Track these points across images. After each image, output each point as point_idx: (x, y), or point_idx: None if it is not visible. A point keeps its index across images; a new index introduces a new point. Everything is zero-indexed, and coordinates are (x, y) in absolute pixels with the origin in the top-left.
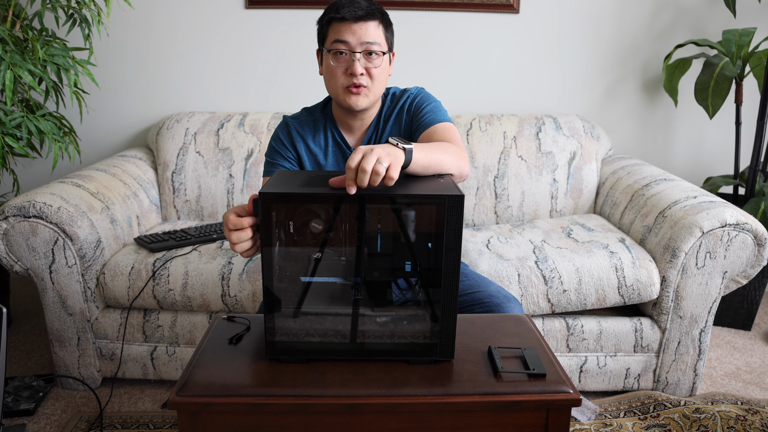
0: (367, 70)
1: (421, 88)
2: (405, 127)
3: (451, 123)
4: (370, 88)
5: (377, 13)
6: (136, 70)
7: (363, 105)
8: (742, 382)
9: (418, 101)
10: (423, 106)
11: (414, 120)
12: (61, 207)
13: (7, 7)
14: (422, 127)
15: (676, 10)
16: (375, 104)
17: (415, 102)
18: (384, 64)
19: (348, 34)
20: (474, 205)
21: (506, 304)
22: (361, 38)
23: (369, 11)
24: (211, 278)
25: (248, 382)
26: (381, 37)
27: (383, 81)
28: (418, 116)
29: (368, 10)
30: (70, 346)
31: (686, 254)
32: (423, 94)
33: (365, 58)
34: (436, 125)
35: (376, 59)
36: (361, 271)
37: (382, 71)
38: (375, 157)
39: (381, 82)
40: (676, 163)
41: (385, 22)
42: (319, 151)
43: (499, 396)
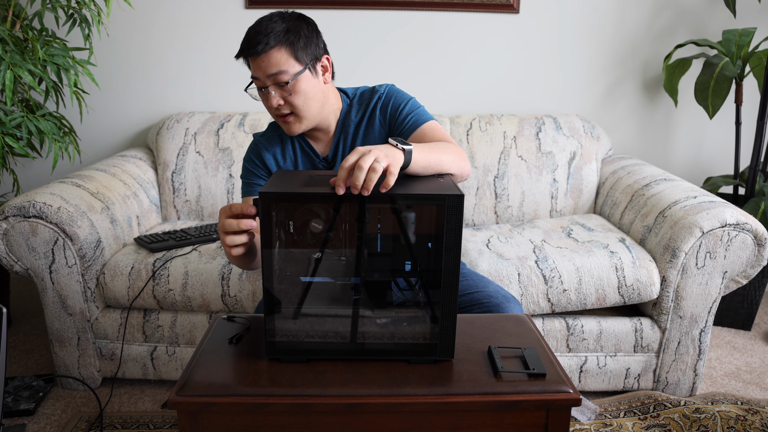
0: (285, 98)
1: (391, 85)
2: (379, 128)
3: (435, 120)
4: (297, 114)
5: (276, 38)
6: (136, 70)
7: (298, 131)
8: (742, 382)
9: (393, 103)
10: (400, 107)
11: (395, 124)
12: (61, 207)
13: (7, 7)
14: (407, 132)
15: (676, 10)
16: (330, 113)
17: (389, 104)
18: (300, 86)
19: (256, 69)
20: (474, 205)
21: (505, 304)
22: (266, 71)
23: (265, 42)
24: (211, 278)
25: (248, 382)
26: (287, 61)
27: (311, 100)
28: (399, 120)
29: (265, 41)
30: (70, 346)
31: (686, 254)
32: (395, 93)
33: (278, 89)
34: (423, 127)
35: (287, 87)
36: (361, 271)
37: (301, 94)
38: (373, 157)
39: (307, 103)
40: (676, 163)
41: (291, 40)
42: (290, 163)
43: (499, 396)
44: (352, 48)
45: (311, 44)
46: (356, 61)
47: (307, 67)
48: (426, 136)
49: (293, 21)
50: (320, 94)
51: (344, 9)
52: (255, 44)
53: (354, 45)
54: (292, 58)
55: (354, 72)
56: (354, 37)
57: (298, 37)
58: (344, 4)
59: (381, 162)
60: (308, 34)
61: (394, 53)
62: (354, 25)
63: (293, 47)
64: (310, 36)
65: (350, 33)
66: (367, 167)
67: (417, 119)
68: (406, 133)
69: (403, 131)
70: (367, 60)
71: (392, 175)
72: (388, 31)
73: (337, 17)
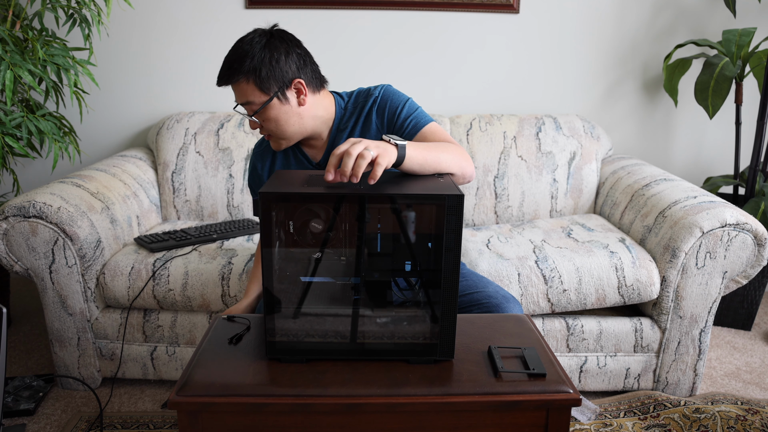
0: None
1: (386, 86)
2: (376, 131)
3: (434, 122)
4: (277, 135)
5: (242, 71)
6: (136, 70)
7: (282, 148)
8: (742, 382)
9: (390, 106)
10: (398, 111)
11: (393, 127)
12: (61, 207)
13: (7, 7)
14: (408, 136)
15: (676, 10)
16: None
17: (386, 107)
18: (270, 114)
19: (234, 94)
20: (474, 205)
21: (505, 304)
22: (239, 98)
23: (230, 75)
24: (211, 278)
25: (248, 382)
26: (253, 92)
27: (284, 124)
28: (398, 124)
29: (229, 73)
30: (70, 346)
31: (686, 254)
32: (391, 95)
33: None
34: (423, 130)
35: (258, 115)
36: (361, 271)
37: (272, 121)
38: (363, 146)
39: (280, 127)
40: (676, 163)
41: (256, 71)
42: None
43: (499, 396)
44: (352, 48)
45: (277, 71)
46: (356, 61)
47: (274, 96)
48: (427, 139)
49: (263, 47)
50: (295, 117)
51: (344, 9)
52: (222, 76)
53: (354, 45)
54: (257, 90)
55: (354, 72)
56: (354, 36)
57: (260, 67)
58: (344, 4)
59: (370, 150)
60: (274, 62)
61: (394, 53)
62: (354, 24)
63: (259, 78)
64: (277, 63)
65: (350, 33)
66: (356, 154)
67: (417, 122)
68: (406, 137)
69: (403, 135)
70: (367, 60)
71: (380, 166)
72: (388, 30)
73: (337, 17)
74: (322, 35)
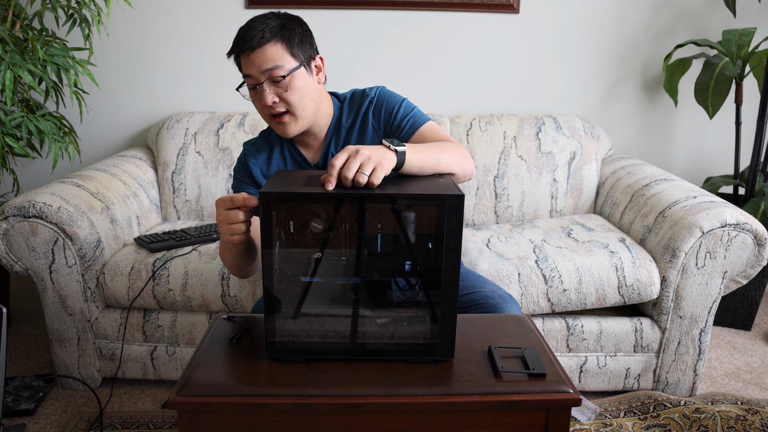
0: (280, 96)
1: (381, 87)
2: (372, 133)
3: (432, 121)
4: (293, 113)
5: (271, 32)
6: (136, 70)
7: (293, 132)
8: (742, 382)
9: (386, 106)
10: (394, 111)
11: (391, 128)
12: (61, 207)
13: (7, 7)
14: (406, 136)
15: (676, 10)
16: (323, 116)
17: (382, 107)
18: (297, 83)
19: (249, 66)
20: (474, 205)
21: (502, 304)
22: (261, 66)
23: (261, 36)
24: (211, 278)
25: (248, 382)
26: (283, 56)
27: (307, 98)
28: (395, 124)
29: (260, 35)
30: (70, 346)
31: (686, 254)
32: (387, 96)
33: (273, 86)
34: (421, 129)
35: (282, 83)
36: (361, 271)
37: (297, 91)
38: (358, 163)
39: (303, 100)
40: (676, 163)
41: (286, 36)
42: None
43: (499, 396)
44: (352, 48)
45: (306, 42)
46: (356, 60)
47: (302, 64)
48: (425, 138)
49: (287, 20)
50: (315, 93)
51: (344, 9)
52: (250, 38)
53: (354, 45)
54: (288, 54)
55: (354, 71)
56: (354, 36)
57: (293, 33)
58: (344, 4)
59: (365, 171)
60: (303, 33)
61: (394, 53)
62: (354, 24)
63: (289, 42)
64: (305, 34)
65: (350, 32)
66: (351, 176)
67: (414, 122)
68: (404, 137)
69: (401, 136)
70: (367, 59)
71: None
72: (388, 30)
73: (337, 17)
74: (321, 35)
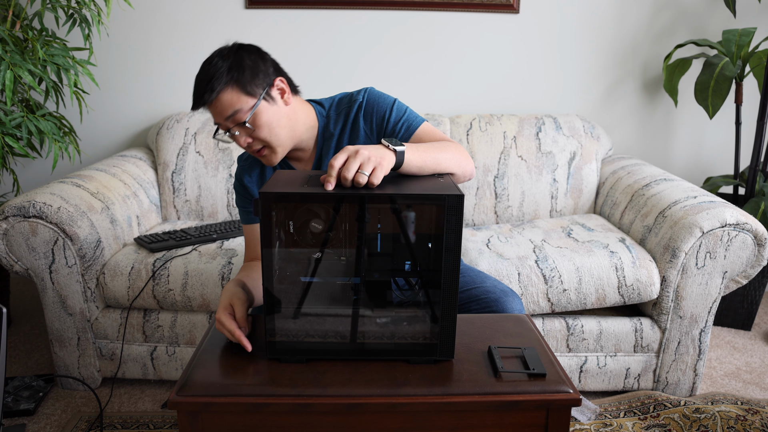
0: (251, 135)
1: (369, 89)
2: (365, 138)
3: (426, 122)
4: (269, 146)
5: (220, 80)
6: (136, 70)
7: (276, 161)
8: (742, 382)
9: (377, 110)
10: (386, 115)
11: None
12: (61, 207)
13: (7, 7)
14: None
15: (676, 10)
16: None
17: (373, 111)
18: (262, 119)
19: (214, 116)
20: (474, 205)
21: (503, 298)
22: (223, 115)
23: (212, 89)
24: (211, 278)
25: (248, 382)
26: (239, 99)
27: (277, 128)
28: (389, 128)
29: (210, 87)
30: (70, 346)
31: (686, 254)
32: (377, 99)
33: (241, 128)
34: (417, 132)
35: (247, 124)
36: (361, 271)
37: (265, 127)
38: (358, 163)
39: (274, 132)
40: (676, 163)
41: (236, 77)
42: None
43: (499, 396)
44: (352, 47)
45: (258, 73)
46: (356, 60)
47: (261, 98)
48: (422, 140)
49: (233, 56)
50: (285, 119)
51: (344, 9)
52: (202, 93)
53: (354, 44)
54: (243, 95)
55: (354, 71)
56: (354, 36)
57: (242, 71)
58: (344, 4)
59: (365, 171)
60: (253, 64)
61: (394, 53)
62: (354, 24)
63: (241, 83)
64: (255, 65)
65: (350, 32)
66: (351, 177)
67: (409, 125)
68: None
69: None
70: (367, 59)
71: (374, 181)
72: (388, 30)
73: (337, 17)
74: (321, 35)
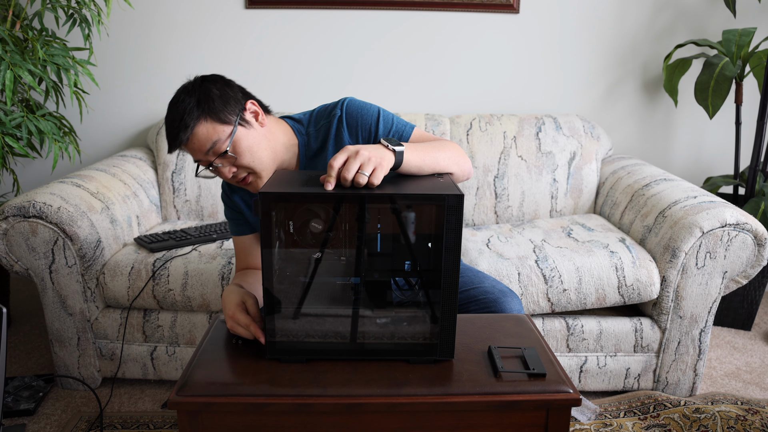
0: (234, 164)
1: (348, 101)
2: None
3: (415, 127)
4: (254, 172)
5: (191, 116)
6: (136, 70)
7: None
8: (742, 382)
9: (361, 123)
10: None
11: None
12: (61, 207)
13: (7, 7)
14: None
15: (676, 10)
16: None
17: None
18: (242, 145)
19: (192, 153)
20: (474, 204)
21: (502, 299)
22: (202, 150)
23: (185, 126)
24: (211, 278)
25: (248, 382)
26: (215, 130)
27: (258, 151)
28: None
29: (184, 125)
30: (70, 346)
31: (686, 254)
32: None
33: (223, 159)
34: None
35: (229, 154)
36: (361, 271)
37: (247, 152)
38: (358, 164)
39: (256, 155)
40: (676, 163)
41: (207, 109)
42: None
43: (499, 396)
44: (352, 47)
45: (229, 100)
46: (356, 60)
47: (236, 124)
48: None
49: (199, 89)
50: (264, 141)
51: (344, 9)
52: (177, 133)
53: (354, 44)
54: (218, 124)
55: (354, 71)
56: (354, 36)
57: (211, 101)
58: (344, 4)
59: (365, 172)
60: (220, 93)
61: (393, 53)
62: (354, 24)
63: (213, 113)
64: (223, 93)
65: (350, 32)
66: (351, 177)
67: (401, 134)
68: None
69: None
70: (367, 59)
71: (375, 181)
72: (388, 30)
73: (337, 17)
74: (321, 35)
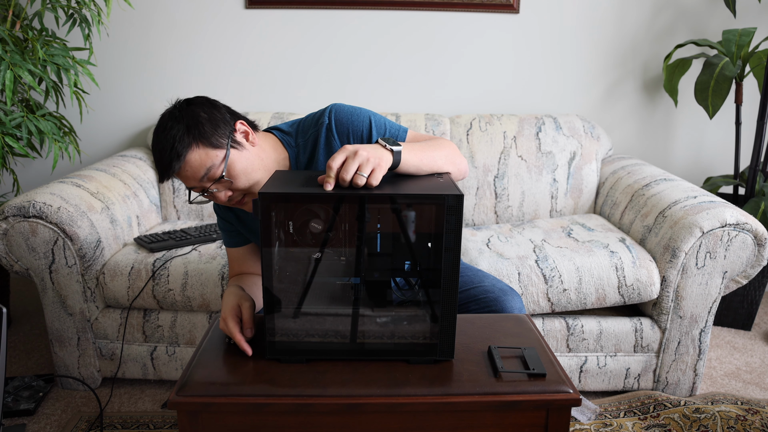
0: (230, 188)
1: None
2: None
3: (408, 129)
4: (250, 192)
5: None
6: (136, 70)
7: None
8: (742, 382)
9: (352, 130)
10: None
11: None
12: (61, 207)
13: (7, 7)
14: None
15: (676, 10)
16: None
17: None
18: (236, 168)
19: (186, 181)
20: (474, 204)
21: (503, 297)
22: (196, 177)
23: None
24: (211, 278)
25: (248, 382)
26: (208, 155)
27: (252, 172)
28: None
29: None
30: (70, 346)
31: (686, 254)
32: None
33: (218, 184)
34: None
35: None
36: (361, 271)
37: (242, 175)
38: (356, 164)
39: (251, 176)
40: (676, 163)
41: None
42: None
43: (499, 396)
44: (352, 47)
45: (218, 123)
46: (356, 60)
47: (229, 147)
48: None
49: (186, 114)
50: (257, 160)
51: (344, 9)
52: (169, 163)
53: (353, 44)
54: (211, 149)
55: (353, 71)
56: (353, 36)
57: (201, 126)
58: (344, 4)
59: (363, 173)
60: (209, 116)
61: (393, 53)
62: (353, 24)
63: (204, 138)
64: (212, 116)
65: (350, 32)
66: (349, 178)
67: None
68: None
69: None
70: (366, 59)
71: (373, 181)
72: (388, 30)
73: (337, 17)
74: (321, 34)
